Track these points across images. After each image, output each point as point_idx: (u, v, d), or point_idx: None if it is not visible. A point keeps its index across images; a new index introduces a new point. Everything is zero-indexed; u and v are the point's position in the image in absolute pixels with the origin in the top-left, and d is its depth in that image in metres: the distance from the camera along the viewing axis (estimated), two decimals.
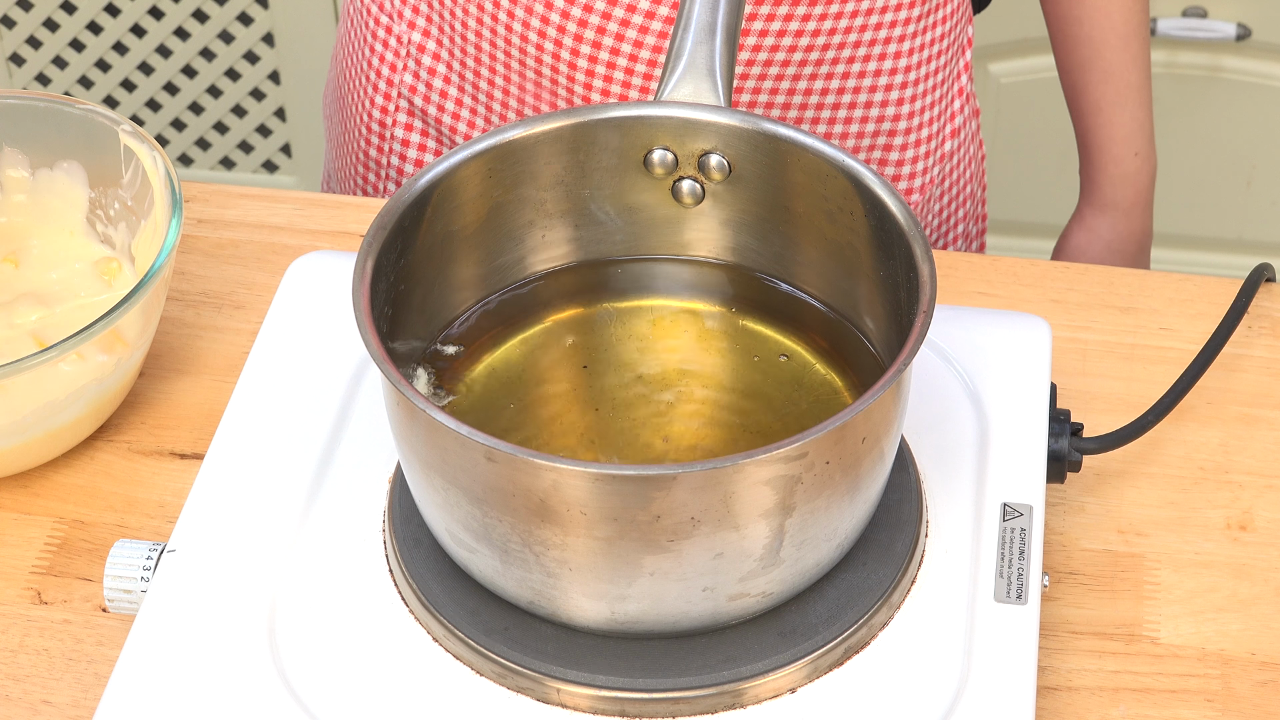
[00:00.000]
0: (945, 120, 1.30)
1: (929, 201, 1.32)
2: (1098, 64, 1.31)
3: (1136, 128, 1.33)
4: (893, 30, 1.23)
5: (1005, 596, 0.92)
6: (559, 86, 1.22)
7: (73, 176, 1.13)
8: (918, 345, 0.85)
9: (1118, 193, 1.35)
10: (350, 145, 1.34)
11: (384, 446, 0.98)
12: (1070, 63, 1.32)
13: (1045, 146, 2.22)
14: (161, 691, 0.89)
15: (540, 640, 0.89)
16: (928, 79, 1.27)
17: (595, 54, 1.20)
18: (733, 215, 0.99)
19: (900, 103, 1.26)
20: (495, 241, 0.98)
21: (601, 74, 1.21)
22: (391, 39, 1.28)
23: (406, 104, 1.29)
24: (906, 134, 1.28)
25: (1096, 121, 1.33)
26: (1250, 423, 1.07)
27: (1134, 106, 1.32)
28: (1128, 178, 1.34)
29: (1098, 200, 1.36)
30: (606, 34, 1.19)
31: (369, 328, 0.87)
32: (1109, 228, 1.36)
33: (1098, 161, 1.34)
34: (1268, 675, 0.95)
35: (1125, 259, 1.37)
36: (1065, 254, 1.38)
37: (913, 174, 1.30)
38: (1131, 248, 1.37)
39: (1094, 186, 1.35)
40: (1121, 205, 1.35)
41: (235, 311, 1.14)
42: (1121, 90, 1.31)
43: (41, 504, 1.04)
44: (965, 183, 1.35)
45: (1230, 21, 2.11)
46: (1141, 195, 1.35)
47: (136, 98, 2.34)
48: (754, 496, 0.84)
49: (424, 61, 1.27)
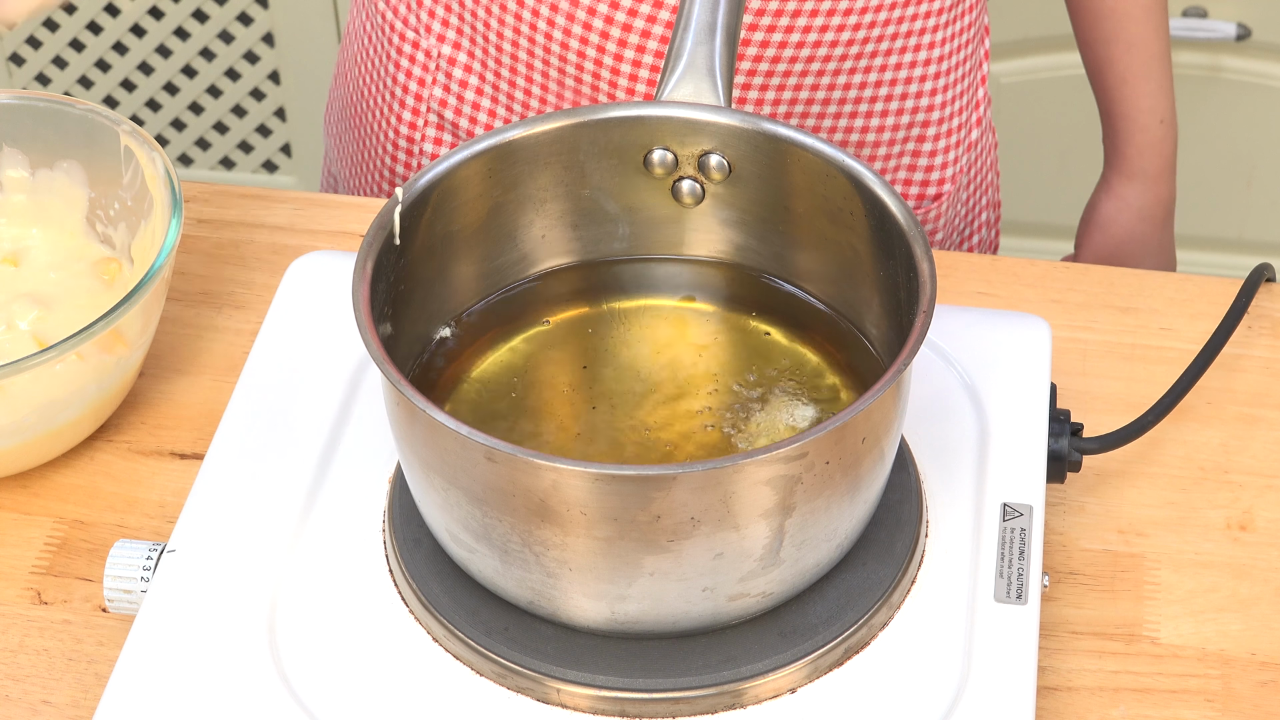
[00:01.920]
0: (972, 109, 1.31)
1: (958, 191, 1.33)
2: (1122, 36, 1.33)
3: (1162, 96, 1.36)
4: (926, 21, 1.24)
5: (1005, 596, 0.92)
6: (599, 92, 1.22)
7: (72, 176, 1.13)
8: (918, 345, 0.85)
9: (1145, 160, 1.37)
10: (372, 161, 1.34)
11: (384, 446, 0.98)
12: (1094, 36, 1.35)
13: (1046, 146, 2.22)
14: (161, 691, 0.89)
15: (540, 640, 0.89)
16: (958, 68, 1.28)
17: (638, 58, 1.20)
18: (733, 215, 0.99)
19: (934, 93, 1.27)
20: (495, 241, 0.98)
21: (644, 80, 1.21)
22: (419, 54, 1.28)
23: (436, 118, 1.29)
24: (940, 124, 1.29)
25: (1123, 93, 1.35)
26: (1250, 423, 1.07)
27: (1159, 76, 1.35)
28: (1154, 145, 1.37)
29: (1125, 169, 1.38)
30: (650, 38, 1.19)
31: (369, 328, 0.87)
32: (1137, 195, 1.38)
33: (1125, 131, 1.37)
34: (1268, 675, 0.95)
35: (1154, 224, 1.39)
36: (1095, 223, 1.40)
37: (945, 164, 1.31)
38: (1160, 212, 1.39)
39: (1120, 157, 1.38)
40: (1150, 172, 1.38)
41: (235, 311, 1.14)
42: (1146, 60, 1.34)
43: (41, 504, 1.04)
44: (987, 170, 1.37)
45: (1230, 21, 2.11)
46: (1167, 162, 1.38)
47: (136, 98, 2.34)
48: (754, 496, 0.84)
49: (455, 74, 1.27)
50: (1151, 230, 1.39)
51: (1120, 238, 1.39)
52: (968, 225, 1.38)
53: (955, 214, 1.35)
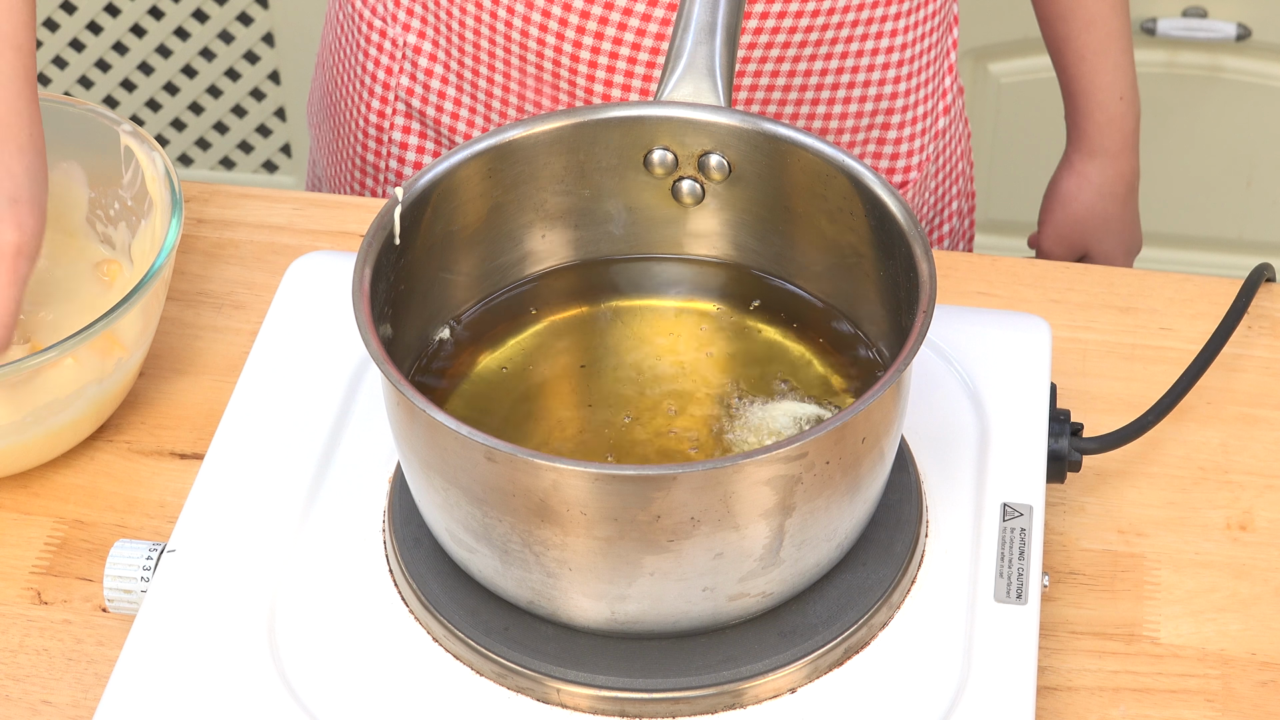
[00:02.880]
0: (938, 98, 1.31)
1: (926, 179, 1.33)
2: (1080, 13, 1.34)
3: (1120, 74, 1.36)
4: (889, 8, 1.24)
5: (1005, 596, 0.92)
6: (560, 80, 1.22)
7: (72, 176, 1.13)
8: (918, 345, 0.85)
9: (1105, 138, 1.38)
10: (344, 151, 1.34)
11: (384, 446, 0.98)
12: (1052, 13, 1.36)
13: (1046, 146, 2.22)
14: (161, 691, 0.89)
15: (540, 640, 0.89)
16: (922, 56, 1.28)
17: (596, 45, 1.20)
18: (733, 215, 0.99)
19: (897, 80, 1.27)
20: (495, 241, 0.98)
21: (604, 66, 1.21)
22: (386, 42, 1.28)
23: (404, 106, 1.29)
24: (904, 111, 1.29)
25: (1081, 70, 1.36)
26: (1250, 423, 1.07)
27: (1117, 53, 1.35)
28: (1114, 122, 1.37)
29: (1085, 147, 1.39)
30: (608, 25, 1.19)
31: (369, 328, 0.87)
32: (1098, 172, 1.39)
33: (1084, 108, 1.38)
34: (1268, 675, 0.95)
35: (1116, 201, 1.40)
36: (1056, 200, 1.41)
37: (910, 152, 1.31)
38: (1121, 189, 1.40)
39: (1081, 134, 1.39)
40: (1110, 149, 1.38)
41: (235, 311, 1.14)
42: (1104, 38, 1.35)
43: (41, 504, 1.04)
44: (957, 160, 1.37)
45: (1230, 21, 2.11)
46: (1129, 138, 1.38)
47: (136, 98, 2.34)
48: (754, 496, 0.84)
49: (420, 63, 1.27)
50: (1113, 207, 1.40)
51: (1081, 214, 1.40)
52: (937, 214, 1.38)
53: (924, 202, 1.36)
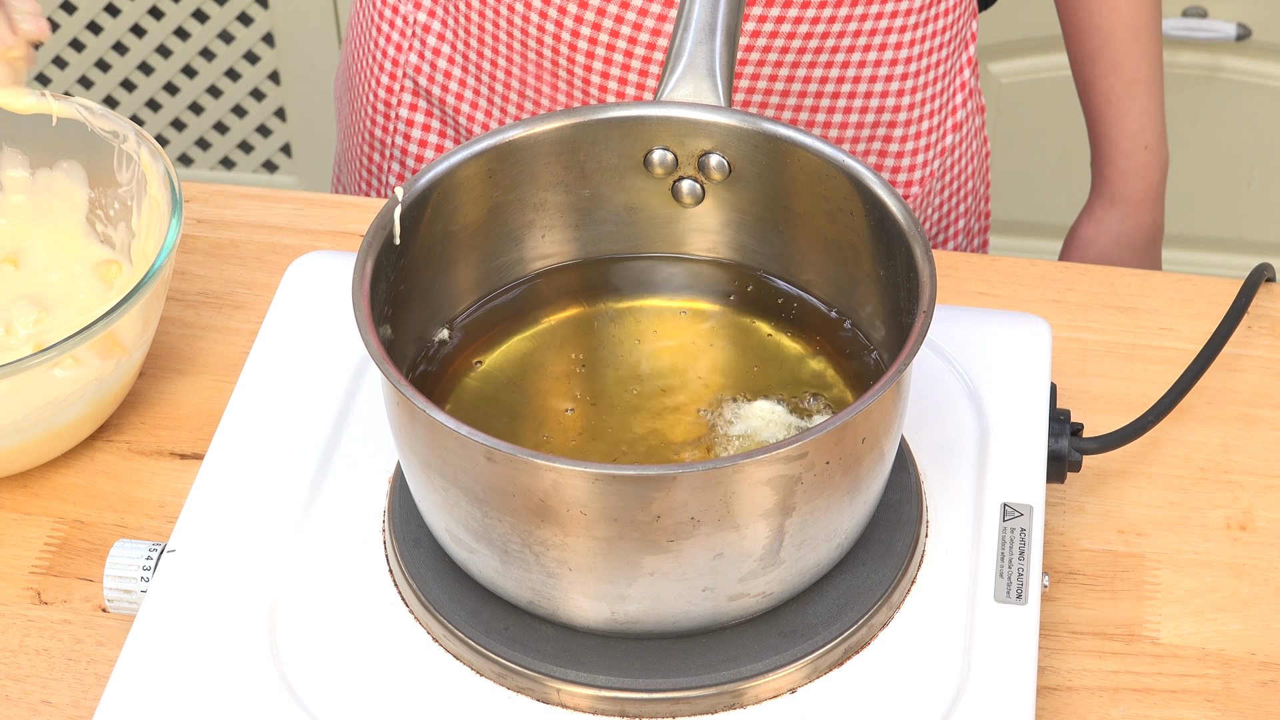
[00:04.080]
0: (947, 114, 1.30)
1: (929, 195, 1.32)
2: (1106, 55, 1.30)
3: (1147, 121, 1.32)
4: (894, 21, 1.23)
5: (1005, 596, 0.92)
6: (559, 69, 1.23)
7: (73, 176, 1.13)
8: (918, 345, 0.85)
9: (1126, 186, 1.34)
10: (357, 126, 1.35)
11: (384, 446, 0.98)
12: (1080, 54, 1.32)
13: (1046, 146, 2.22)
14: (161, 691, 0.89)
15: (540, 640, 0.89)
16: (929, 71, 1.27)
17: (594, 36, 1.21)
18: (733, 215, 0.99)
19: (900, 94, 1.26)
20: (495, 241, 0.98)
21: (601, 55, 1.21)
22: (398, 19, 1.29)
23: (411, 84, 1.29)
24: (906, 125, 1.28)
25: (1106, 114, 1.32)
26: (1250, 423, 1.07)
27: (1144, 99, 1.31)
28: (1136, 171, 1.33)
29: (1107, 193, 1.35)
30: (606, 15, 1.19)
31: (369, 328, 0.87)
32: (1118, 221, 1.35)
33: (1107, 155, 1.34)
34: (1268, 675, 0.95)
35: (1134, 252, 1.36)
36: (1074, 247, 1.37)
37: (912, 166, 1.30)
38: (1141, 241, 1.36)
39: (1103, 179, 1.35)
40: (1131, 199, 1.34)
41: (235, 311, 1.14)
42: (1131, 83, 1.31)
43: (41, 504, 1.04)
44: (967, 178, 1.35)
45: (1230, 21, 2.11)
46: (1151, 189, 1.34)
47: (136, 98, 2.34)
48: (754, 496, 0.84)
49: (429, 42, 1.27)
50: (1131, 257, 1.36)
51: (1097, 262, 1.35)
52: (941, 231, 1.36)
53: (925, 218, 1.34)
